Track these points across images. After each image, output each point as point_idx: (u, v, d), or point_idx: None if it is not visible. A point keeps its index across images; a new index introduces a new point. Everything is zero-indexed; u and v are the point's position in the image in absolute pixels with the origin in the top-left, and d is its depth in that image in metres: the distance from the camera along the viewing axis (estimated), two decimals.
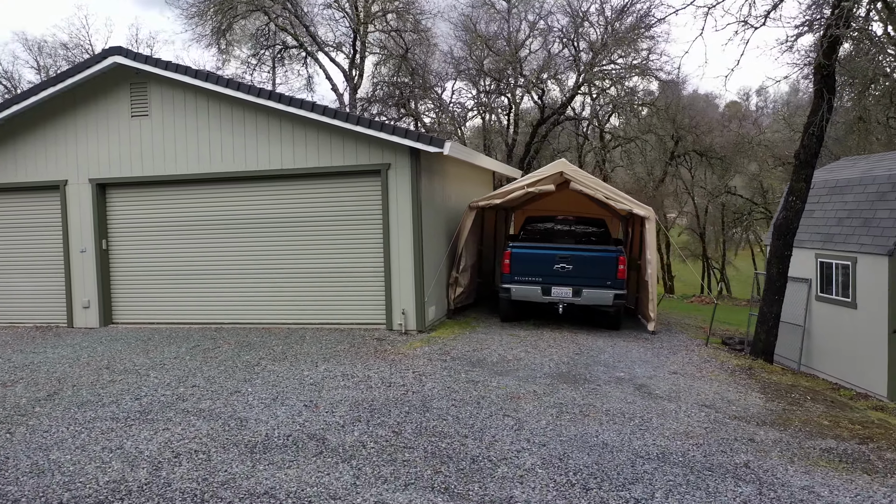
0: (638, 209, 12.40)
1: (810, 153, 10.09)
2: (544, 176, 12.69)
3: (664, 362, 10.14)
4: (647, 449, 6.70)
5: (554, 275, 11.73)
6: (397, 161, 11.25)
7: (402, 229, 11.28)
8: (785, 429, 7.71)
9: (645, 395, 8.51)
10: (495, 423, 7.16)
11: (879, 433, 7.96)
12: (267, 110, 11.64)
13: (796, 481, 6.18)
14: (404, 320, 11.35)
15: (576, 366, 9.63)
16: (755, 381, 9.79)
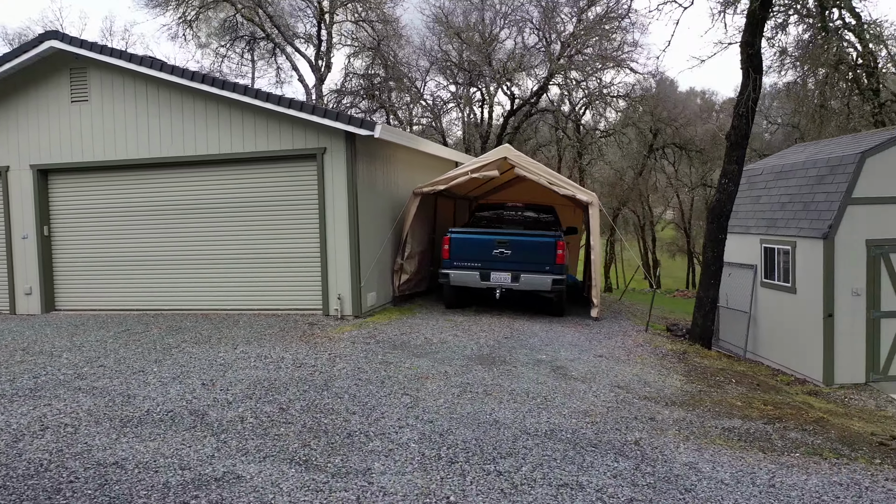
0: (581, 195, 12.31)
1: (740, 134, 9.97)
2: (488, 161, 12.59)
3: (594, 346, 10.04)
4: (538, 426, 6.61)
5: (493, 260, 11.64)
6: (333, 145, 11.16)
7: (337, 214, 11.20)
8: (693, 409, 7.61)
9: (560, 376, 8.42)
10: (391, 401, 7.07)
11: (791, 414, 7.86)
12: (205, 95, 11.57)
13: (681, 458, 6.09)
14: (340, 305, 11.27)
15: (500, 349, 9.54)
16: (684, 364, 9.69)
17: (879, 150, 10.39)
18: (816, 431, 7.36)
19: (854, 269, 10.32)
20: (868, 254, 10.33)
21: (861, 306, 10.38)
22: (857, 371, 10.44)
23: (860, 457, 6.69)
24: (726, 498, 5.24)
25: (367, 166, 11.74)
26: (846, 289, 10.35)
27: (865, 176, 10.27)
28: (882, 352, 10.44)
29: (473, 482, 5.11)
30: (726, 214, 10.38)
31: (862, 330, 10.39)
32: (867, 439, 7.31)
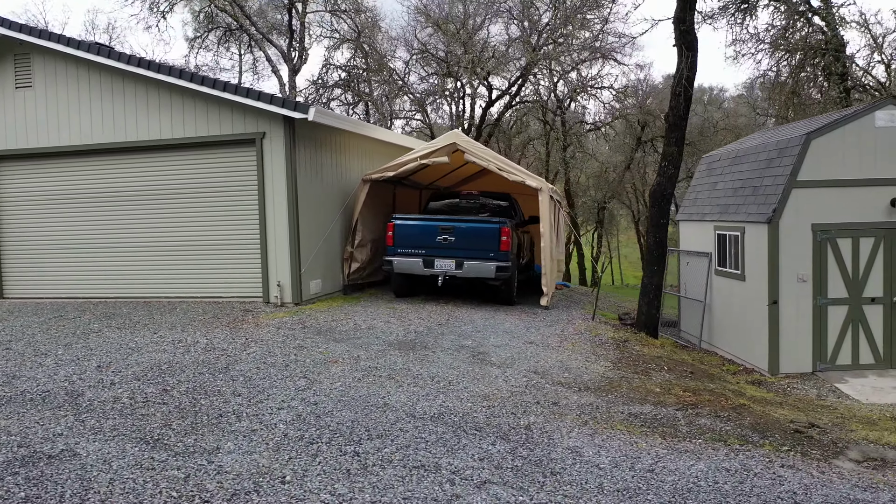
0: (530, 181, 12.06)
1: (677, 115, 9.68)
2: (437, 147, 12.37)
3: (530, 334, 9.80)
4: (429, 410, 6.39)
5: (436, 247, 11.42)
6: (272, 130, 10.99)
7: (277, 201, 11.03)
8: (606, 395, 7.37)
9: (478, 361, 8.19)
10: (285, 384, 6.88)
11: (710, 401, 7.59)
12: (147, 80, 11.44)
13: (567, 442, 5.85)
14: (280, 293, 11.10)
15: (428, 335, 9.32)
16: (618, 352, 9.42)
17: (825, 131, 10.05)
18: (731, 418, 7.09)
19: (799, 254, 10.00)
20: (814, 239, 10.00)
21: (807, 293, 10.05)
22: (803, 360, 10.11)
23: (768, 444, 6.43)
24: (591, 482, 5.01)
25: (312, 152, 11.56)
26: (791, 275, 10.03)
27: (811, 158, 9.94)
28: (829, 340, 10.11)
29: (322, 462, 4.90)
30: (667, 198, 10.09)
31: (808, 318, 10.07)
32: (784, 427, 7.04)
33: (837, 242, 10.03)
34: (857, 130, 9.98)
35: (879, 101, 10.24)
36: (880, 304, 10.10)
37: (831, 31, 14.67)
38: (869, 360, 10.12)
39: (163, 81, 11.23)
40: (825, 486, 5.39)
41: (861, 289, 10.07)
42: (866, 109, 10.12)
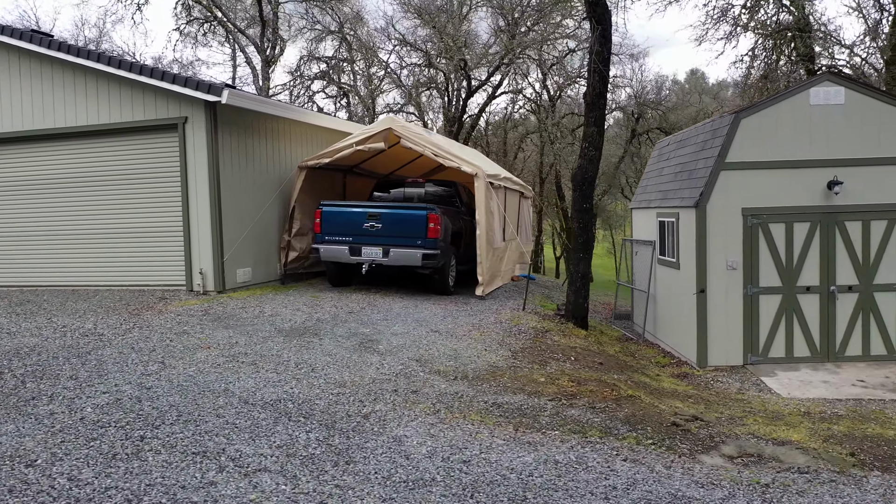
0: (466, 167, 11.67)
1: (594, 93, 9.19)
2: (373, 133, 12.04)
3: (442, 323, 9.42)
4: (268, 396, 6.09)
5: (364, 234, 11.10)
6: (194, 115, 10.78)
7: (200, 187, 10.83)
8: (481, 384, 6.98)
9: (362, 349, 7.86)
10: (133, 369, 6.63)
11: (592, 391, 7.14)
12: (73, 66, 11.32)
13: (397, 431, 5.51)
14: (203, 281, 10.89)
15: (329, 322, 9.01)
16: (530, 342, 8.99)
17: (756, 109, 9.46)
18: (607, 410, 6.65)
19: (729, 240, 9.43)
20: (744, 224, 9.42)
21: (737, 282, 9.48)
22: (733, 352, 9.54)
23: (632, 437, 6.00)
24: (382, 472, 4.66)
25: (241, 137, 11.34)
26: (721, 262, 9.46)
27: (741, 138, 9.36)
28: (761, 332, 9.52)
29: (93, 447, 4.63)
30: (589, 181, 9.61)
31: (739, 308, 9.49)
32: (663, 420, 6.57)
33: (770, 228, 9.45)
34: (791, 109, 9.39)
35: (815, 77, 9.62)
36: (816, 293, 9.49)
37: (798, 12, 13.95)
38: (804, 352, 9.52)
39: (88, 67, 11.10)
40: (659, 481, 4.95)
41: (795, 277, 9.47)
42: (801, 86, 9.51)
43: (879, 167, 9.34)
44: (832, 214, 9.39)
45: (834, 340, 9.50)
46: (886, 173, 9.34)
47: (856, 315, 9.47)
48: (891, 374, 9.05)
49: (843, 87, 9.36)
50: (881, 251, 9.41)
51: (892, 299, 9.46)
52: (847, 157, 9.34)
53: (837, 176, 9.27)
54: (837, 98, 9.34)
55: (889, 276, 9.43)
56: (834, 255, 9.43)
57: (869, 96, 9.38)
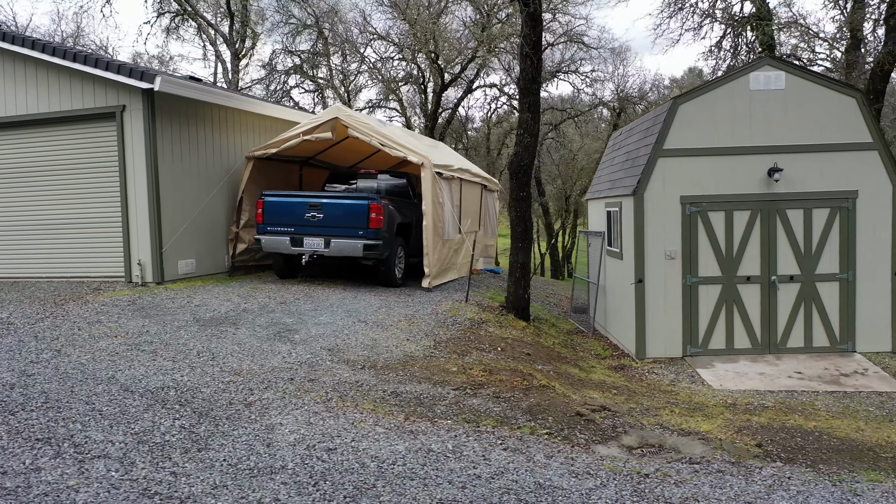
0: (412, 156, 11.47)
1: (527, 78, 8.97)
2: (320, 122, 11.84)
3: (375, 314, 9.22)
4: (153, 384, 5.91)
5: (305, 225, 10.91)
6: (132, 104, 10.60)
7: (138, 177, 10.65)
8: (386, 373, 6.78)
9: (276, 338, 7.67)
10: (27, 356, 6.48)
11: (501, 381, 6.94)
12: (11, 54, 11.13)
13: (272, 420, 5.34)
14: (141, 272, 10.71)
15: (251, 312, 8.82)
16: (464, 333, 8.79)
17: (694, 95, 9.22)
18: (511, 400, 6.45)
19: (667, 229, 9.19)
20: (682, 212, 9.19)
21: (676, 271, 9.25)
22: (672, 344, 9.30)
23: (528, 426, 5.82)
24: (231, 460, 4.49)
25: (184, 126, 11.16)
26: (659, 252, 9.23)
27: (679, 125, 9.12)
28: (701, 323, 9.29)
29: None
30: (525, 169, 9.38)
31: (678, 298, 9.26)
32: (568, 410, 6.36)
33: (709, 216, 9.21)
34: (730, 94, 9.15)
35: (755, 61, 9.37)
36: (757, 283, 9.25)
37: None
38: (745, 344, 9.28)
39: (24, 55, 10.92)
40: (531, 471, 4.76)
41: (735, 267, 9.23)
42: (740, 71, 9.27)
43: (821, 154, 9.11)
44: (773, 202, 9.16)
45: (775, 332, 9.27)
46: (828, 160, 9.11)
47: (797, 306, 9.24)
48: (830, 365, 8.82)
49: (784, 72, 9.13)
50: (823, 240, 9.18)
51: (835, 290, 9.22)
52: (788, 144, 9.11)
53: (777, 163, 9.04)
54: (778, 83, 9.11)
55: (831, 265, 9.20)
56: (775, 244, 9.20)
57: (810, 81, 9.15)
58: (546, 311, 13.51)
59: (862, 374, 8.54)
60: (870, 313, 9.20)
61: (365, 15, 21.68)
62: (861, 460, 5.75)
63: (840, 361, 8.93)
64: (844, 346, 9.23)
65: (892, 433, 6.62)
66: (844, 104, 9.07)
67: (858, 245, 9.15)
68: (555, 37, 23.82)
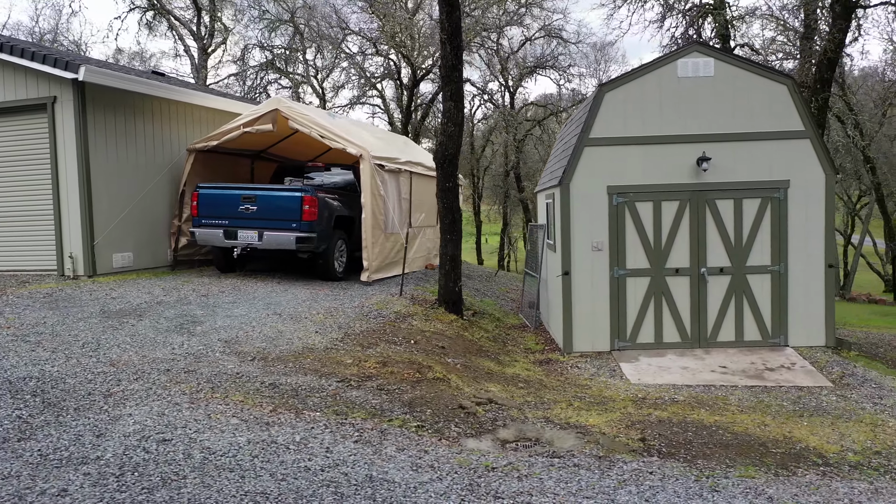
0: (351, 148, 11.29)
1: (448, 65, 8.77)
2: (260, 114, 11.68)
3: (296, 308, 9.05)
4: (18, 374, 5.80)
5: (240, 217, 10.75)
6: (63, 95, 10.49)
7: (69, 170, 10.53)
8: (274, 365, 6.62)
9: (176, 330, 7.52)
10: None
11: (392, 373, 6.75)
12: None
13: (121, 411, 5.20)
14: (73, 265, 10.59)
15: (165, 305, 8.67)
16: (382, 326, 8.60)
17: (621, 82, 8.98)
18: (396, 392, 6.27)
19: (594, 220, 8.95)
20: (609, 203, 8.96)
21: (604, 263, 9.01)
22: (600, 338, 9.07)
23: (401, 419, 5.68)
24: (66, 450, 4.38)
25: (120, 118, 11.05)
26: (586, 243, 9.01)
27: (606, 113, 8.89)
28: (629, 316, 9.04)
29: None
30: (450, 159, 9.18)
31: (605, 291, 9.03)
32: (450, 404, 6.16)
33: (637, 207, 8.98)
34: (658, 81, 8.91)
35: (683, 48, 9.13)
36: (686, 275, 9.01)
37: None
38: (674, 338, 9.04)
39: None
40: (371, 464, 4.59)
41: (664, 259, 8.99)
42: (668, 57, 9.02)
43: (752, 142, 8.87)
44: (702, 193, 8.92)
45: (705, 326, 9.04)
46: (759, 149, 8.86)
47: (728, 299, 9.00)
48: (758, 360, 8.58)
49: (713, 59, 8.89)
50: (754, 231, 8.93)
51: (766, 282, 8.97)
52: (718, 133, 8.87)
53: (706, 152, 8.80)
54: (707, 70, 8.88)
55: (762, 257, 8.95)
56: (704, 235, 8.96)
57: (740, 68, 8.91)
58: (499, 306, 13.30)
59: (788, 368, 8.29)
60: (803, 307, 8.94)
61: (336, 10, 21.46)
62: (747, 455, 5.53)
63: (769, 356, 8.69)
64: (776, 340, 8.98)
65: (796, 428, 6.39)
66: (775, 91, 8.82)
67: (790, 236, 8.90)
68: (531, 31, 23.61)
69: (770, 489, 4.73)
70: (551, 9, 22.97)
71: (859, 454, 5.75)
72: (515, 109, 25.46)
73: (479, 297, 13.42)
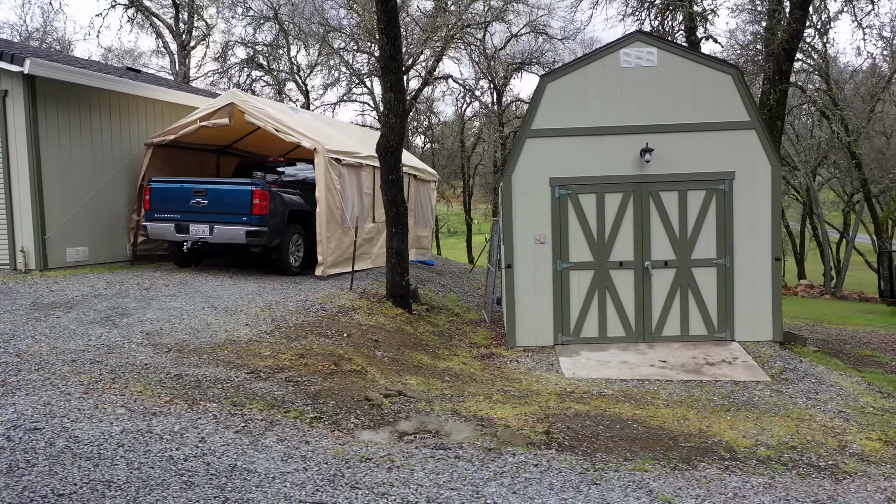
0: (306, 142, 11.22)
1: (386, 56, 8.67)
2: (217, 108, 11.61)
3: (236, 301, 8.98)
4: None
5: (191, 211, 10.70)
6: (13, 88, 10.47)
7: (20, 163, 10.51)
8: (192, 356, 6.59)
9: (100, 322, 7.47)
10: None
11: (307, 364, 6.67)
12: None
13: (8, 401, 5.10)
14: (25, 259, 10.57)
15: (99, 297, 8.63)
16: (319, 319, 8.51)
17: (563, 72, 8.85)
18: (304, 384, 6.19)
19: (537, 212, 8.82)
20: (552, 195, 8.83)
21: (547, 257, 8.89)
22: (544, 332, 8.93)
23: (298, 410, 5.62)
24: None
25: (73, 112, 11.04)
26: (529, 236, 8.88)
27: (548, 104, 8.76)
28: (573, 310, 8.91)
29: None
30: (392, 151, 9.08)
31: (549, 285, 8.90)
32: (361, 395, 6.06)
33: (580, 199, 8.85)
34: (601, 72, 8.77)
35: (625, 37, 8.98)
36: (630, 268, 8.86)
37: None
38: (619, 332, 8.89)
39: None
40: (243, 454, 4.52)
41: (608, 252, 8.84)
42: (611, 47, 8.88)
43: (696, 133, 8.71)
44: (646, 185, 8.78)
45: (650, 320, 8.88)
46: (703, 140, 8.71)
47: (673, 293, 8.85)
48: (701, 354, 8.42)
49: (657, 48, 8.75)
50: (699, 224, 8.77)
51: (712, 276, 8.81)
52: (661, 123, 8.72)
53: (649, 143, 8.65)
54: (650, 59, 8.73)
55: (708, 250, 8.79)
56: (648, 228, 8.81)
57: (684, 57, 8.76)
58: (463, 302, 13.16)
59: (729, 363, 8.14)
60: (749, 300, 8.78)
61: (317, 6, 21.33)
62: (652, 449, 5.41)
63: (713, 350, 8.53)
64: (723, 334, 8.82)
65: (717, 423, 6.26)
66: (720, 81, 8.67)
67: (736, 229, 8.74)
68: (516, 28, 23.46)
69: (655, 483, 4.61)
70: (535, 4, 22.81)
71: (772, 448, 5.61)
72: (502, 107, 25.29)
73: (445, 292, 13.30)
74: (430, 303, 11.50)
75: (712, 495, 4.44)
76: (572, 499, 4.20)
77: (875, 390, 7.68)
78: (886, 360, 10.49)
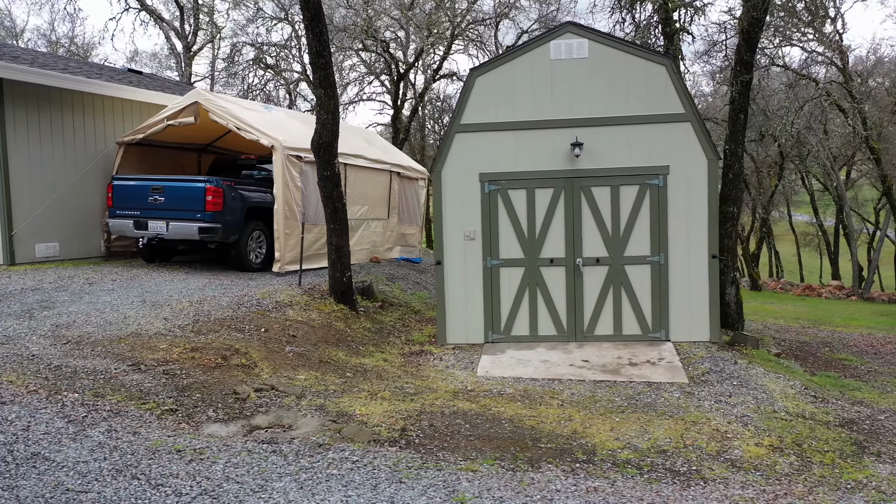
0: (264, 139, 11.32)
1: (314, 51, 8.64)
2: (182, 107, 11.84)
3: (172, 296, 9.11)
4: None
5: (150, 208, 10.94)
6: None
7: None
8: (91, 348, 6.77)
9: (16, 315, 7.73)
10: None
11: (193, 359, 6.75)
12: None
13: None
14: None
15: (39, 291, 8.91)
16: (248, 314, 8.56)
17: (492, 66, 8.65)
18: (182, 377, 6.26)
19: (467, 208, 8.67)
20: (482, 190, 8.66)
21: (477, 253, 8.72)
22: (473, 330, 8.76)
23: (153, 402, 5.68)
24: None
25: (44, 112, 11.41)
26: (459, 232, 8.74)
27: (477, 98, 8.59)
28: (503, 307, 8.71)
29: None
30: (326, 147, 9.05)
31: (478, 282, 8.73)
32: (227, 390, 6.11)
33: (510, 194, 8.67)
34: (530, 64, 8.56)
35: (555, 29, 8.74)
36: (561, 265, 8.62)
37: None
38: (550, 331, 8.67)
39: None
40: (59, 443, 4.56)
41: (538, 249, 8.63)
42: (540, 39, 8.66)
43: (628, 126, 8.43)
44: (577, 180, 8.54)
45: (582, 319, 8.64)
46: (636, 133, 8.42)
47: (606, 291, 8.58)
48: (628, 354, 8.15)
49: (587, 39, 8.50)
50: (632, 220, 8.49)
51: (646, 274, 8.52)
52: (593, 117, 8.48)
53: (579, 137, 8.42)
54: (581, 51, 8.49)
55: (641, 247, 8.50)
56: (580, 224, 8.58)
57: (616, 48, 8.48)
58: (431, 298, 13.06)
59: (654, 364, 7.85)
60: (685, 300, 8.45)
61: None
62: (505, 449, 5.28)
63: (644, 350, 8.25)
64: (657, 334, 8.52)
65: (599, 424, 6.07)
66: (653, 73, 8.37)
67: (671, 225, 8.43)
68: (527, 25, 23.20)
69: (467, 483, 4.49)
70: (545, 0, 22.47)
71: (639, 452, 5.40)
72: None
73: (417, 290, 13.20)
74: (389, 299, 11.45)
75: (517, 496, 4.29)
76: (358, 496, 4.11)
77: (809, 394, 7.31)
78: (857, 363, 9.97)
